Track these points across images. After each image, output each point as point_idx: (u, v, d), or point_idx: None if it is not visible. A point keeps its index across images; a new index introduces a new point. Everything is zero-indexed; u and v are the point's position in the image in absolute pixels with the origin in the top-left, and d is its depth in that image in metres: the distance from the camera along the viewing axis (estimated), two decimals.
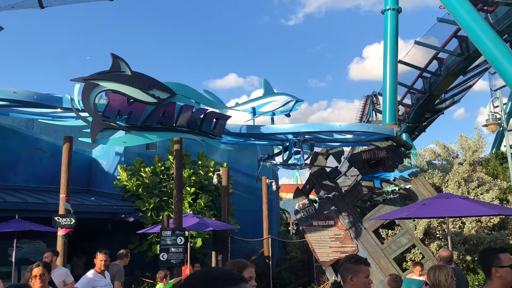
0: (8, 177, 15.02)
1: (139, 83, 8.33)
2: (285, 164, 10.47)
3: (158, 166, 15.21)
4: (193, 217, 11.94)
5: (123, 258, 8.41)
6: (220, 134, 9.51)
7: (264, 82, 10.62)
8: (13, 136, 15.65)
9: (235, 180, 16.33)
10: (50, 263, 6.26)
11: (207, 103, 9.49)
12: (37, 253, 14.11)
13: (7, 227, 11.01)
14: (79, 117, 8.02)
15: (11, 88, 7.74)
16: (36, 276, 5.01)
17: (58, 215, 9.53)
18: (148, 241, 13.95)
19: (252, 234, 15.78)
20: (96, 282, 6.63)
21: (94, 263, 6.82)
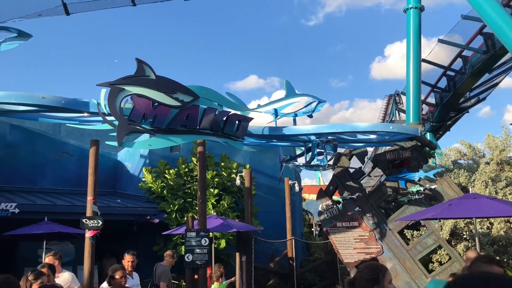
0: (36, 180, 15.44)
1: (163, 86, 8.47)
2: (308, 165, 10.46)
3: (182, 168, 15.39)
4: (217, 218, 12.04)
5: (169, 259, 8.56)
6: (242, 136, 9.58)
7: (286, 83, 10.64)
8: (41, 140, 16.08)
9: (258, 181, 16.39)
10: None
11: (229, 106, 9.57)
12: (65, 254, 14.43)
13: (37, 229, 11.34)
14: (106, 121, 8.19)
15: (40, 94, 7.96)
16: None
17: (85, 217, 9.71)
18: (173, 242, 14.12)
19: (275, 235, 15.81)
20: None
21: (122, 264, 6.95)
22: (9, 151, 14.95)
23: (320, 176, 47.48)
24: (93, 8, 13.36)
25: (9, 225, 11.63)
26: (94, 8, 13.42)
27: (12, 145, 15.22)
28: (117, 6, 13.51)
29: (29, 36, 8.36)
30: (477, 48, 20.96)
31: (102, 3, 13.18)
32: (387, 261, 11.52)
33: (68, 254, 14.40)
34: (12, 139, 15.38)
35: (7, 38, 8.32)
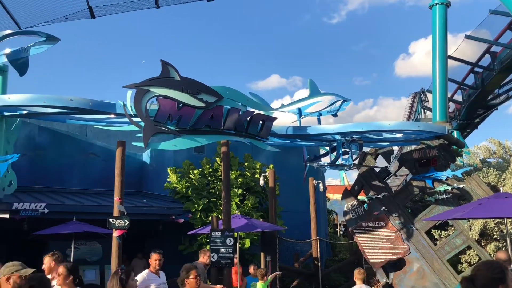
0: (64, 181, 15.75)
1: (188, 88, 8.54)
2: (333, 164, 10.39)
3: (206, 168, 15.47)
4: (241, 218, 12.06)
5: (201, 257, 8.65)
6: (266, 135, 9.58)
7: (310, 83, 10.59)
8: (68, 142, 16.41)
9: (281, 181, 16.34)
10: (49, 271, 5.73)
11: (253, 106, 9.59)
12: (93, 253, 14.72)
13: (65, 228, 11.55)
14: (132, 122, 8.31)
15: (68, 96, 8.14)
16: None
17: (112, 217, 9.81)
18: (198, 242, 14.20)
19: (299, 235, 15.74)
20: (150, 282, 6.83)
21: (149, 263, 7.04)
22: (38, 153, 15.29)
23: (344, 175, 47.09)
24: (117, 10, 13.54)
25: (38, 225, 11.88)
26: (118, 10, 13.59)
27: (40, 146, 15.58)
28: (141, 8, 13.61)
29: (57, 39, 8.55)
30: (506, 44, 20.44)
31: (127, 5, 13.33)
32: (414, 261, 11.35)
33: (95, 254, 14.69)
34: (40, 141, 15.73)
35: (36, 42, 8.53)
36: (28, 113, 8.84)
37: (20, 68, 8.58)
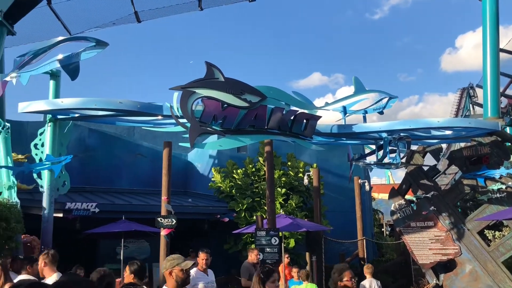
0: (114, 181, 16.27)
1: (232, 88, 8.60)
2: (380, 163, 10.18)
3: (249, 168, 15.56)
4: (286, 217, 12.04)
5: (250, 256, 8.75)
6: (310, 134, 9.50)
7: (354, 80, 10.41)
8: (117, 143, 16.95)
9: (326, 180, 16.19)
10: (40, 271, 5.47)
11: (296, 104, 9.54)
12: (141, 251, 15.13)
13: (115, 227, 11.92)
14: (178, 123, 8.46)
15: (117, 99, 8.39)
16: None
17: (160, 216, 10.04)
18: (243, 241, 14.29)
19: (344, 235, 15.53)
20: (198, 280, 6.91)
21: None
22: (88, 154, 15.87)
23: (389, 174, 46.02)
24: (162, 14, 13.88)
25: (89, 224, 12.32)
26: (163, 14, 13.94)
27: (91, 148, 16.17)
28: (184, 11, 13.92)
29: (106, 44, 8.81)
30: None
31: (171, 9, 13.64)
32: (466, 262, 10.94)
33: (143, 252, 15.09)
34: (91, 142, 16.33)
35: (86, 47, 8.82)
36: (80, 116, 9.18)
37: (71, 73, 8.91)
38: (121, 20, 14.04)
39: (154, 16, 13.80)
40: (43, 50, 8.83)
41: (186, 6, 13.78)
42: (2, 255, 7.62)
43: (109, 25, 14.14)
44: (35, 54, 8.77)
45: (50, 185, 8.96)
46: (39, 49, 8.87)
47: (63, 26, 13.64)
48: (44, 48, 8.88)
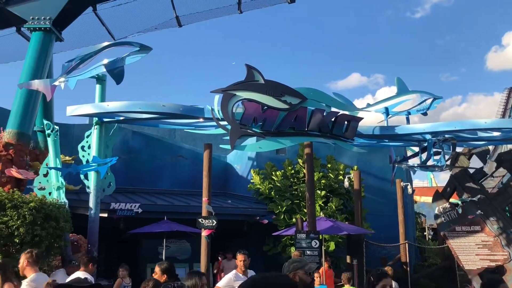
0: (156, 182, 16.63)
1: (272, 90, 8.63)
2: (424, 166, 9.92)
3: (289, 170, 15.52)
4: (326, 220, 11.93)
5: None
6: (352, 136, 9.38)
7: (397, 81, 10.19)
8: (159, 145, 17.32)
9: (366, 183, 15.93)
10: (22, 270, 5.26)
11: (337, 106, 9.44)
12: (182, 251, 15.37)
13: (157, 227, 12.16)
14: (219, 125, 8.57)
15: (160, 102, 8.59)
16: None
17: (201, 217, 10.14)
18: (282, 243, 14.27)
19: (385, 238, 15.22)
20: (236, 282, 6.86)
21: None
22: (132, 156, 16.30)
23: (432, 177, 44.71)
24: (202, 18, 14.09)
25: (133, 224, 12.62)
26: (203, 18, 14.14)
27: (134, 150, 16.60)
28: (224, 15, 14.08)
29: (149, 49, 9.03)
30: None
31: (211, 12, 13.83)
32: None
33: (184, 252, 15.32)
34: (134, 144, 16.77)
35: (131, 52, 9.06)
36: (125, 119, 9.44)
37: (116, 77, 9.18)
38: (163, 25, 14.36)
39: (194, 20, 14.04)
40: (90, 55, 9.15)
41: (225, 10, 13.94)
42: (53, 253, 7.93)
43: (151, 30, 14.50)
44: (82, 59, 9.09)
45: (96, 186, 9.25)
46: (85, 54, 9.19)
47: (107, 32, 14.10)
48: (91, 54, 9.19)
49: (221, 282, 6.95)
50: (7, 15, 12.30)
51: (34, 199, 7.79)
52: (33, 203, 7.58)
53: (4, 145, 10.10)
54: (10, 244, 7.25)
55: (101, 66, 8.97)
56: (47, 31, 11.52)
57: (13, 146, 10.10)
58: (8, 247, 7.26)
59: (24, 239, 7.26)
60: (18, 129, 10.33)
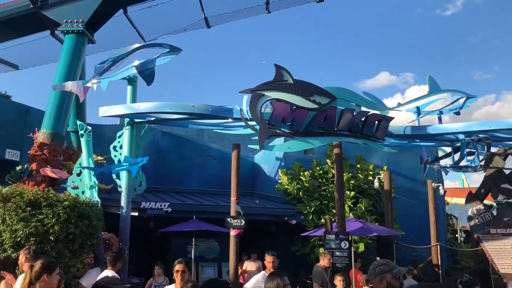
0: (184, 182, 16.82)
1: (301, 90, 8.58)
2: (457, 166, 9.68)
3: (317, 170, 15.42)
4: (356, 221, 11.79)
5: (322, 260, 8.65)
6: (382, 136, 9.24)
7: (429, 79, 9.98)
8: (187, 145, 17.51)
9: (397, 183, 15.68)
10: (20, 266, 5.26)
11: (367, 105, 9.32)
12: (211, 251, 15.46)
13: (186, 226, 12.28)
14: (248, 126, 8.57)
15: (190, 103, 8.67)
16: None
17: (230, 217, 10.17)
18: (311, 244, 14.19)
19: (416, 240, 14.94)
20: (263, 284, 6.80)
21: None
22: (161, 156, 16.53)
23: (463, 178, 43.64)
24: (231, 19, 14.16)
25: (162, 223, 12.78)
26: (231, 19, 14.21)
27: (163, 150, 16.83)
28: (252, 15, 14.10)
29: (179, 50, 9.12)
30: None
31: (239, 13, 13.88)
32: None
33: (213, 251, 15.41)
34: (163, 144, 17.00)
35: (161, 53, 9.18)
36: (155, 120, 9.57)
37: (147, 78, 9.31)
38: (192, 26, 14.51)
39: (223, 21, 14.12)
40: (121, 57, 9.31)
41: (254, 10, 13.97)
42: (85, 251, 8.10)
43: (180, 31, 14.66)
44: (114, 61, 9.26)
45: (128, 185, 9.40)
46: (117, 56, 9.36)
47: (137, 34, 14.34)
48: (122, 55, 9.36)
49: (249, 283, 6.90)
50: (42, 19, 12.67)
51: (68, 198, 7.97)
52: (67, 201, 7.75)
53: (39, 145, 10.41)
54: (45, 242, 7.44)
55: (132, 68, 9.12)
56: (80, 34, 11.81)
57: (47, 146, 10.39)
58: (44, 244, 7.45)
59: (59, 236, 7.44)
60: (52, 129, 10.62)
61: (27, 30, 13.62)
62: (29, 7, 12.40)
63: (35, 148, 10.37)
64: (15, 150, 13.65)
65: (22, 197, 7.48)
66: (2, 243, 7.15)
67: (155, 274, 9.53)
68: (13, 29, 13.35)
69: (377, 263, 3.43)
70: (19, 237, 7.14)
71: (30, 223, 7.24)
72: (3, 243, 7.15)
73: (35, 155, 10.29)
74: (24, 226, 7.18)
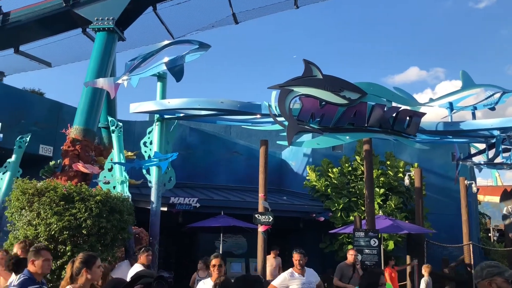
0: (212, 178, 16.91)
1: (330, 85, 8.50)
2: (491, 163, 9.42)
3: (346, 167, 15.25)
4: (386, 219, 11.61)
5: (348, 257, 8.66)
6: (414, 132, 9.07)
7: (462, 74, 9.72)
8: (215, 141, 17.62)
9: (427, 181, 15.35)
10: None
11: (398, 101, 9.16)
12: (238, 246, 15.53)
13: (214, 222, 12.34)
14: (276, 121, 8.55)
15: (219, 99, 8.70)
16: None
17: (258, 213, 10.16)
18: (339, 241, 14.06)
19: (447, 239, 14.61)
20: (291, 281, 6.72)
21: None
22: (189, 152, 16.67)
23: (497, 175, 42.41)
24: (258, 14, 14.14)
25: (191, 218, 12.89)
26: (259, 14, 14.19)
27: (191, 146, 16.97)
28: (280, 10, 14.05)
29: (208, 46, 9.16)
30: None
31: (267, 9, 13.85)
32: None
33: (241, 247, 15.48)
34: (191, 140, 17.14)
35: (190, 50, 9.24)
36: (185, 116, 9.65)
37: (176, 75, 9.40)
38: (220, 22, 14.57)
39: (251, 16, 14.12)
40: (151, 54, 9.42)
41: (281, 5, 13.91)
42: (117, 244, 8.25)
43: (209, 27, 14.75)
44: (144, 58, 9.38)
45: (158, 181, 9.52)
46: (147, 53, 9.48)
47: (166, 30, 14.49)
48: (152, 52, 9.47)
49: (276, 280, 6.82)
50: (73, 17, 12.94)
51: (100, 193, 8.12)
52: (99, 196, 7.90)
53: (71, 141, 10.65)
54: (78, 235, 7.61)
55: (162, 64, 9.21)
56: (111, 31, 12.00)
57: (79, 142, 10.62)
58: (76, 238, 7.62)
59: (91, 230, 7.59)
60: (84, 125, 10.85)
61: (60, 29, 13.95)
62: (61, 6, 12.69)
63: (68, 143, 10.61)
64: (48, 146, 14.01)
65: (56, 192, 7.67)
66: (37, 236, 7.35)
67: (198, 269, 9.41)
68: (46, 27, 13.69)
69: (484, 264, 3.07)
70: (53, 231, 7.33)
71: (63, 217, 7.42)
72: (38, 236, 7.35)
73: (67, 150, 10.53)
74: (58, 220, 7.36)
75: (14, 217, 7.74)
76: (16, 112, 13.36)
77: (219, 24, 14.44)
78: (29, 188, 7.73)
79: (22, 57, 15.66)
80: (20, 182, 7.90)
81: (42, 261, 4.06)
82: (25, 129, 12.85)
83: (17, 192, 7.74)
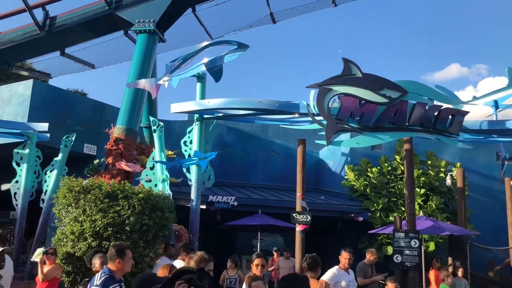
0: (249, 177, 17.03)
1: (370, 84, 8.40)
2: None
3: (385, 167, 15.01)
4: (427, 219, 11.36)
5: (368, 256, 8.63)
6: (457, 131, 8.83)
7: (508, 71, 9.39)
8: (252, 141, 17.73)
9: (470, 181, 14.90)
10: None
11: (440, 99, 8.95)
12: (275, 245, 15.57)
13: (252, 220, 12.45)
14: (315, 121, 8.53)
15: (257, 99, 8.77)
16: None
17: (295, 212, 10.16)
18: (378, 242, 13.86)
19: (492, 241, 14.12)
20: (340, 278, 6.87)
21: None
22: (227, 151, 16.85)
23: None
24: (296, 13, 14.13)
25: (228, 216, 13.04)
26: (297, 13, 14.18)
27: (228, 145, 17.15)
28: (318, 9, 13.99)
29: (246, 46, 9.23)
30: None
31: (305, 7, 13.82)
32: None
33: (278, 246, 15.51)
34: (228, 139, 17.33)
35: (229, 50, 9.35)
36: (223, 115, 9.79)
37: (215, 75, 9.53)
38: (258, 22, 14.65)
39: (288, 16, 14.13)
40: (191, 55, 9.59)
41: (320, 4, 13.85)
42: (158, 241, 8.46)
43: (246, 27, 14.85)
44: (184, 59, 9.57)
45: (197, 179, 9.70)
46: (187, 54, 9.66)
47: (205, 31, 14.71)
48: (192, 53, 9.64)
49: (326, 275, 6.97)
50: (116, 20, 13.34)
51: (142, 191, 8.35)
52: (142, 194, 8.12)
53: (114, 140, 11.00)
54: (121, 232, 7.85)
55: (202, 65, 9.36)
56: (151, 33, 12.30)
57: (122, 141, 10.95)
58: (120, 234, 7.86)
59: (134, 227, 7.82)
60: (127, 125, 11.18)
61: (103, 31, 14.41)
62: (104, 9, 13.11)
63: (111, 143, 10.96)
64: (92, 145, 14.51)
65: (100, 189, 7.94)
66: (83, 232, 7.64)
67: (228, 267, 9.56)
68: (89, 30, 14.17)
69: None
70: (98, 227, 7.59)
71: (108, 214, 7.68)
72: (84, 232, 7.64)
73: (111, 149, 10.87)
74: (103, 217, 7.63)
75: (61, 213, 8.07)
76: (62, 112, 13.91)
77: (256, 24, 14.52)
78: (75, 185, 8.03)
79: (67, 59, 16.28)
80: (66, 180, 8.21)
81: (127, 259, 4.17)
82: (70, 129, 13.36)
83: (64, 190, 8.06)
